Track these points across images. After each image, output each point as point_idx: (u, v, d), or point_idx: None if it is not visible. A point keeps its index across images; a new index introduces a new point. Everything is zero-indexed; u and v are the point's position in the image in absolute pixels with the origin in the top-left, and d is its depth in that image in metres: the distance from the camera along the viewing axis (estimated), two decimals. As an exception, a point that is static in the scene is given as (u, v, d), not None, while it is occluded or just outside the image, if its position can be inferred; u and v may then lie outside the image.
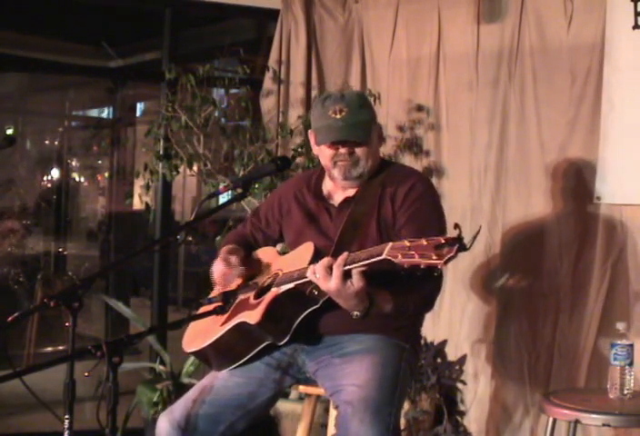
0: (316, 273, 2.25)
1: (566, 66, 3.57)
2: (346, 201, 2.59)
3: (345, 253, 2.24)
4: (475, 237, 1.99)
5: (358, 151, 2.53)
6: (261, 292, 2.52)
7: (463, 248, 1.99)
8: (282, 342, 2.45)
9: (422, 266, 2.02)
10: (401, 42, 4.21)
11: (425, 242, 2.02)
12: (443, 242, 1.99)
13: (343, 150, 2.52)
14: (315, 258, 2.41)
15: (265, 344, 2.48)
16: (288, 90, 4.43)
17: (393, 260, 2.07)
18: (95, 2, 4.71)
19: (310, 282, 2.36)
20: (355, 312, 2.33)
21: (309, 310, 2.41)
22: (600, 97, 3.44)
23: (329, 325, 2.50)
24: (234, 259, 2.62)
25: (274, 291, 2.44)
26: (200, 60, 4.58)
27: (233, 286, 2.59)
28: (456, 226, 2.01)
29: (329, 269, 2.23)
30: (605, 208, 3.45)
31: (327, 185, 2.67)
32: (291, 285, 2.39)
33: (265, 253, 2.76)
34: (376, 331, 2.51)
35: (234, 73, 4.27)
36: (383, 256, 2.11)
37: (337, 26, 4.43)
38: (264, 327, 2.40)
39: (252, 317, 2.40)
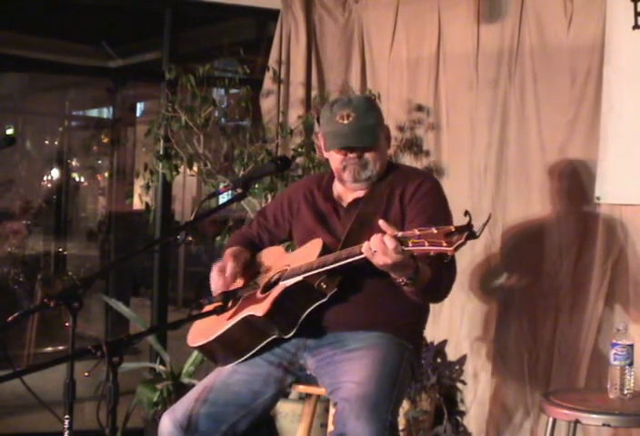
0: (372, 248, 2.19)
1: (566, 66, 3.57)
2: (355, 201, 2.63)
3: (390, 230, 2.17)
4: (485, 224, 2.02)
5: (367, 155, 2.58)
6: (267, 287, 2.54)
7: (472, 235, 2.01)
8: (288, 336, 2.46)
9: (432, 253, 2.05)
10: (401, 42, 4.21)
11: (435, 231, 2.04)
12: (453, 230, 2.02)
13: (352, 155, 2.57)
14: (324, 253, 2.44)
15: (271, 338, 2.49)
16: (288, 90, 4.43)
17: (403, 247, 2.10)
18: (95, 2, 4.71)
19: (318, 276, 2.39)
20: (404, 279, 2.27)
21: (317, 304, 2.43)
22: (600, 97, 3.44)
23: (333, 321, 2.52)
24: (229, 267, 2.62)
25: (281, 284, 2.46)
26: (200, 60, 4.57)
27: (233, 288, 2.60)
28: (466, 213, 2.03)
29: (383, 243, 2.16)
30: (605, 208, 3.45)
31: (337, 188, 2.71)
32: (299, 278, 2.42)
33: (271, 253, 2.78)
34: (380, 328, 2.53)
35: (234, 73, 4.27)
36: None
37: (337, 26, 4.43)
38: (271, 319, 2.42)
39: (259, 309, 2.42)
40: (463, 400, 3.92)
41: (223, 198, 2.77)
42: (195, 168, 4.18)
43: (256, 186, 3.97)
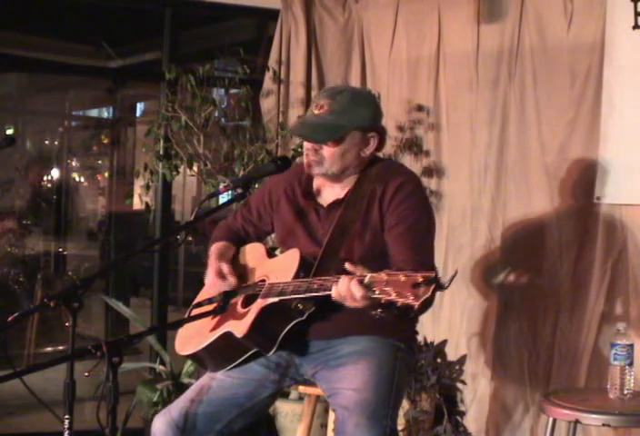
0: (341, 294, 2.16)
1: (566, 67, 3.57)
2: (335, 203, 2.55)
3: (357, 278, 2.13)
4: (452, 278, 1.98)
5: (324, 151, 2.47)
6: (248, 300, 2.51)
7: (440, 288, 1.97)
8: (269, 354, 2.44)
9: (398, 304, 1.99)
10: (401, 42, 4.21)
11: (402, 278, 1.98)
12: (420, 280, 1.96)
13: (308, 146, 2.50)
14: (301, 269, 2.40)
15: (253, 351, 2.47)
16: (288, 90, 4.44)
17: (370, 295, 2.05)
18: (95, 2, 4.71)
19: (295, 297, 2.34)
20: (378, 313, 2.19)
21: (294, 322, 2.38)
22: (600, 97, 3.44)
23: (321, 331, 2.48)
24: (225, 269, 2.59)
25: (260, 302, 2.41)
26: (200, 60, 4.57)
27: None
28: (432, 268, 2.01)
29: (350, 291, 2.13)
30: (605, 208, 3.45)
31: (317, 181, 2.63)
32: (275, 299, 2.36)
33: (252, 252, 2.72)
34: (370, 331, 2.48)
35: (234, 73, 4.27)
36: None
37: (337, 26, 4.43)
38: (250, 339, 2.40)
39: (238, 329, 2.39)
40: (463, 400, 3.92)
41: (223, 198, 2.77)
42: (194, 168, 4.18)
43: (256, 186, 3.96)
